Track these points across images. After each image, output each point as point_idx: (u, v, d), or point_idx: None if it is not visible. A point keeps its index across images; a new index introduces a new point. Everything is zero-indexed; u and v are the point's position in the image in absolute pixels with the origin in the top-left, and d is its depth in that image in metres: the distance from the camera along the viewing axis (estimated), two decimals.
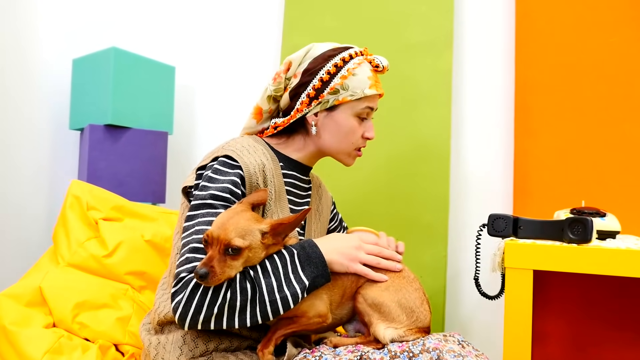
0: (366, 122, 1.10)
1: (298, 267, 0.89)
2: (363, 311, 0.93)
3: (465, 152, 1.72)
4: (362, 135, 1.10)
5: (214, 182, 0.94)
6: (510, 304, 1.05)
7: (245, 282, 0.86)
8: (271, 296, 0.86)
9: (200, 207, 0.92)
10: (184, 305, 0.84)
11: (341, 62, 1.05)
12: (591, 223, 1.02)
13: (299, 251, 0.91)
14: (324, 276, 0.91)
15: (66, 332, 1.04)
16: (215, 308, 0.84)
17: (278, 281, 0.87)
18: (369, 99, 1.07)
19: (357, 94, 1.04)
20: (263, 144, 1.07)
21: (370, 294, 0.93)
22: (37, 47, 1.96)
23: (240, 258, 0.85)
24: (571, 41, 1.53)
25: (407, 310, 0.92)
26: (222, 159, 0.98)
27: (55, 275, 1.14)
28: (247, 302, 0.85)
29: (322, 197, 1.24)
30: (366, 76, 1.06)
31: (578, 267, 1.00)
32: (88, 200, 1.29)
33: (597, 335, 1.46)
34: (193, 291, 0.84)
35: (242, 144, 1.01)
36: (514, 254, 1.05)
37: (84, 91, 1.84)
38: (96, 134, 1.74)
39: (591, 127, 1.50)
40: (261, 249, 0.88)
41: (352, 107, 1.06)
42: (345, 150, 1.10)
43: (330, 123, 1.07)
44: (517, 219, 1.13)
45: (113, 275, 1.23)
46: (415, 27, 1.70)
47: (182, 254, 0.89)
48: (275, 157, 1.07)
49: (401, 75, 1.69)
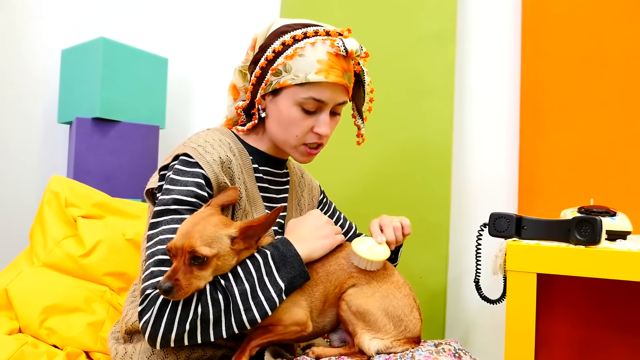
0: (320, 115, 0.93)
1: (273, 269, 0.82)
2: (347, 320, 0.86)
3: (468, 148, 1.65)
4: (312, 130, 0.94)
5: (177, 185, 0.85)
6: (512, 310, 0.98)
7: (216, 293, 0.79)
8: (245, 304, 0.79)
9: (163, 214, 0.84)
10: (152, 325, 0.76)
11: (291, 40, 0.90)
12: (600, 223, 0.95)
13: (273, 252, 0.84)
14: (302, 275, 0.84)
15: (32, 339, 0.98)
16: (187, 324, 0.77)
17: (252, 287, 0.80)
18: (314, 88, 0.90)
19: (298, 78, 0.89)
20: (231, 137, 0.97)
21: (355, 301, 0.85)
22: (25, 37, 1.90)
23: (209, 267, 0.77)
24: (579, 33, 1.45)
25: (394, 319, 0.85)
26: (182, 158, 0.88)
27: (26, 276, 1.08)
28: (220, 314, 0.78)
29: (305, 189, 1.15)
30: (315, 59, 0.89)
31: (585, 270, 0.93)
32: (67, 197, 1.23)
33: (605, 340, 1.39)
34: (161, 309, 0.77)
35: (206, 138, 0.91)
36: (516, 256, 0.98)
37: (73, 84, 1.78)
38: (83, 128, 1.68)
39: (600, 122, 1.42)
40: (231, 256, 0.80)
41: (293, 94, 0.91)
42: (290, 144, 0.95)
43: (274, 109, 0.94)
44: (520, 218, 1.06)
45: (90, 276, 1.16)
46: (418, 18, 1.63)
47: (146, 267, 0.82)
48: (244, 150, 0.98)
49: (403, 67, 1.63)
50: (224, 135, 0.95)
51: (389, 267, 0.93)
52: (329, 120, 0.94)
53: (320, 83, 0.90)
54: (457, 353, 0.87)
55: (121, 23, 2.06)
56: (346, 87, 0.94)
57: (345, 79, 0.92)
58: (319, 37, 0.91)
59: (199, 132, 0.95)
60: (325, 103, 0.92)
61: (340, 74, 0.91)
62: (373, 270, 0.91)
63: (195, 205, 0.85)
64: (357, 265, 0.90)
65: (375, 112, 1.65)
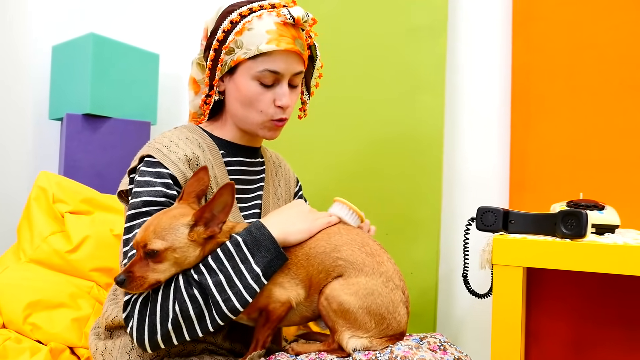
0: (279, 87, 0.93)
1: (248, 256, 0.80)
2: (326, 315, 0.84)
3: (459, 143, 1.64)
4: (275, 103, 0.93)
5: (144, 187, 0.85)
6: (498, 303, 0.97)
7: (191, 289, 0.78)
8: (223, 295, 0.78)
9: (135, 217, 0.84)
10: (137, 330, 0.77)
11: (238, 17, 0.91)
12: (586, 216, 0.95)
13: (245, 237, 0.82)
14: (278, 257, 0.82)
15: (15, 334, 0.98)
16: (168, 324, 0.77)
17: (227, 277, 0.79)
18: (268, 59, 0.90)
19: (250, 51, 0.89)
20: (199, 133, 0.97)
21: (337, 298, 0.82)
22: (16, 34, 1.90)
23: (165, 260, 0.77)
24: (570, 27, 1.45)
25: (376, 317, 0.82)
26: (147, 160, 0.88)
27: (12, 272, 1.07)
28: (201, 308, 0.78)
29: (282, 179, 1.14)
30: (264, 30, 0.89)
31: (572, 264, 0.93)
32: (55, 192, 1.22)
33: (597, 334, 1.39)
34: (141, 312, 0.78)
35: (171, 138, 0.91)
36: (502, 250, 0.98)
37: (63, 80, 1.77)
38: (74, 124, 1.68)
39: (590, 117, 1.42)
40: (192, 247, 0.79)
41: (249, 69, 0.91)
42: (255, 121, 0.94)
43: (233, 88, 0.94)
44: (507, 212, 1.06)
45: (77, 272, 1.16)
46: (408, 10, 1.62)
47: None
48: (213, 144, 0.97)
49: (394, 61, 1.62)
50: (191, 132, 0.95)
51: (377, 253, 0.88)
52: (287, 91, 0.94)
53: (273, 52, 0.90)
54: (442, 345, 0.86)
55: (111, 19, 2.04)
56: (299, 53, 0.93)
57: (297, 46, 0.92)
58: (265, 10, 0.92)
59: (165, 132, 0.95)
60: (281, 74, 0.92)
61: (292, 41, 0.91)
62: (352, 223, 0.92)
63: (166, 205, 0.85)
64: (336, 214, 0.91)
65: (366, 105, 1.66)
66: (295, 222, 0.87)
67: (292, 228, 0.86)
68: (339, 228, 0.89)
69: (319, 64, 1.04)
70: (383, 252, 0.89)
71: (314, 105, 1.67)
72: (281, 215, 0.89)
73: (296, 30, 0.93)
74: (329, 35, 1.68)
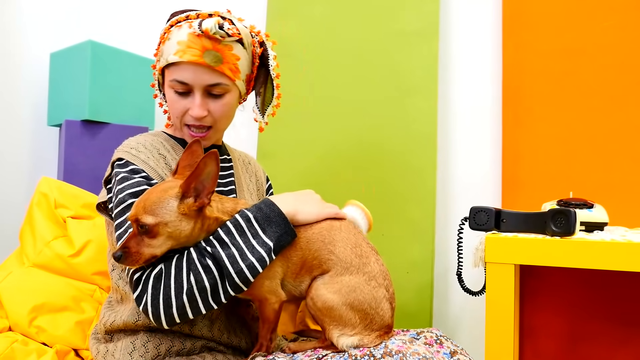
0: (194, 97, 0.94)
1: (258, 230, 0.83)
2: (314, 314, 0.87)
3: (452, 145, 1.67)
4: (188, 112, 0.95)
5: (125, 182, 0.89)
6: (491, 300, 1.00)
7: (205, 260, 0.80)
8: (236, 266, 0.80)
9: (125, 211, 0.87)
10: (152, 305, 0.78)
11: (168, 26, 0.96)
12: (574, 214, 0.98)
13: (256, 213, 0.84)
14: (288, 233, 0.85)
15: (22, 337, 1.00)
16: (183, 296, 0.78)
17: (239, 250, 0.81)
18: (175, 69, 0.92)
19: (164, 60, 0.94)
20: (162, 136, 1.01)
21: (321, 297, 0.85)
22: (14, 41, 1.91)
23: (159, 235, 0.79)
24: (559, 30, 1.48)
25: (360, 313, 0.85)
26: (118, 163, 0.93)
27: (16, 276, 1.09)
28: (216, 279, 0.80)
29: (253, 175, 1.17)
30: (176, 41, 0.91)
31: (561, 261, 0.96)
32: (56, 198, 1.24)
33: (590, 329, 1.42)
34: (155, 287, 0.79)
35: (137, 140, 0.96)
36: (494, 248, 1.01)
37: (61, 86, 1.79)
38: (73, 130, 1.70)
39: (580, 117, 1.45)
40: (184, 220, 0.80)
41: (167, 77, 0.95)
42: (177, 127, 0.99)
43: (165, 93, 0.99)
44: (499, 211, 1.09)
45: (80, 276, 1.18)
46: (400, 15, 1.65)
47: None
48: (177, 145, 1.01)
49: (387, 65, 1.65)
50: (155, 137, 0.99)
51: (366, 255, 0.90)
52: (200, 102, 0.94)
53: (179, 63, 0.91)
54: (438, 339, 0.89)
55: (109, 26, 2.07)
56: (209, 66, 0.92)
57: (205, 59, 0.91)
58: (189, 20, 0.93)
59: (130, 138, 0.98)
60: (189, 84, 0.93)
61: (199, 53, 0.90)
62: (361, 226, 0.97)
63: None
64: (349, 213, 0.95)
65: (361, 109, 1.68)
66: (306, 203, 0.90)
67: (302, 208, 0.88)
68: (341, 224, 0.91)
69: (274, 74, 1.04)
70: (373, 254, 0.91)
71: (308, 109, 1.70)
72: (292, 195, 0.91)
73: (211, 42, 0.91)
74: (322, 40, 1.72)
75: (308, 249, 0.88)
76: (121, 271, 0.97)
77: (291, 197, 0.90)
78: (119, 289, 0.97)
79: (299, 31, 1.74)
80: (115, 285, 0.98)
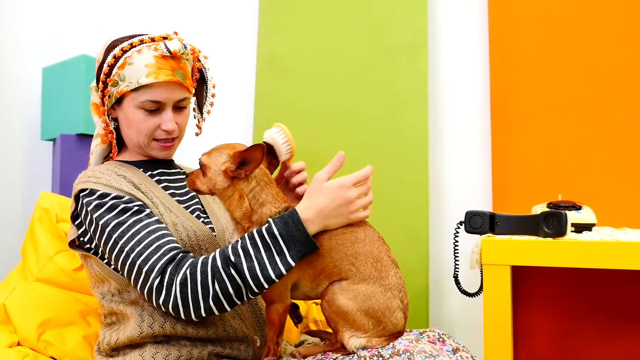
0: (164, 113, 1.02)
1: (283, 248, 0.86)
2: (328, 317, 0.90)
3: (443, 152, 1.72)
4: (160, 127, 1.03)
5: (100, 208, 0.93)
6: (488, 301, 1.04)
7: (229, 269, 0.85)
8: (256, 281, 0.85)
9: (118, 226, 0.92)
10: (183, 305, 0.86)
11: (120, 52, 1.00)
12: (565, 216, 1.02)
13: (282, 230, 0.86)
14: (312, 250, 0.88)
15: (31, 351, 1.00)
16: (210, 300, 0.85)
17: (261, 265, 0.85)
18: (148, 90, 0.99)
19: (132, 84, 0.98)
20: (111, 164, 1.05)
21: (337, 302, 0.88)
22: (6, 56, 1.91)
23: (206, 175, 0.92)
24: (544, 42, 1.54)
25: (373, 320, 0.88)
26: (82, 195, 0.96)
27: (22, 291, 1.10)
28: (239, 285, 0.85)
29: None
30: (143, 64, 0.98)
31: (555, 261, 1.00)
32: (57, 212, 1.25)
33: (584, 329, 1.46)
34: (182, 290, 0.85)
35: (92, 170, 1.00)
36: (490, 250, 1.05)
37: (55, 101, 1.80)
38: (68, 144, 1.70)
39: (566, 122, 1.51)
40: (221, 176, 0.91)
41: (133, 99, 1.00)
42: (144, 143, 1.04)
43: (122, 117, 1.04)
44: (493, 215, 1.13)
45: (85, 289, 1.19)
46: (390, 30, 1.69)
47: (146, 260, 0.88)
48: (132, 167, 1.05)
49: (378, 79, 1.68)
50: (104, 166, 1.03)
51: (385, 269, 0.91)
52: (171, 116, 1.03)
53: (153, 84, 0.98)
54: (440, 337, 0.93)
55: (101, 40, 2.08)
56: (180, 83, 1.01)
57: (176, 77, 1.00)
58: (145, 44, 1.00)
59: (84, 171, 1.03)
60: (162, 102, 1.01)
61: (170, 73, 0.99)
62: (282, 152, 1.02)
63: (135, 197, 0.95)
64: (273, 136, 1.01)
65: (354, 122, 1.72)
66: (336, 216, 0.89)
67: (331, 222, 0.89)
68: (366, 236, 0.92)
69: (211, 85, 1.14)
70: (392, 267, 0.93)
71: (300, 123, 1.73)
72: (322, 205, 0.88)
73: (176, 61, 1.00)
74: (313, 55, 1.75)
75: (330, 257, 0.90)
76: (112, 295, 0.99)
77: (321, 210, 0.88)
78: (113, 311, 0.99)
79: (291, 47, 1.77)
80: (108, 309, 1.00)
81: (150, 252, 0.88)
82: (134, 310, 0.95)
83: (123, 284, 0.96)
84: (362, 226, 0.94)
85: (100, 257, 0.98)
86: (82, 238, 0.99)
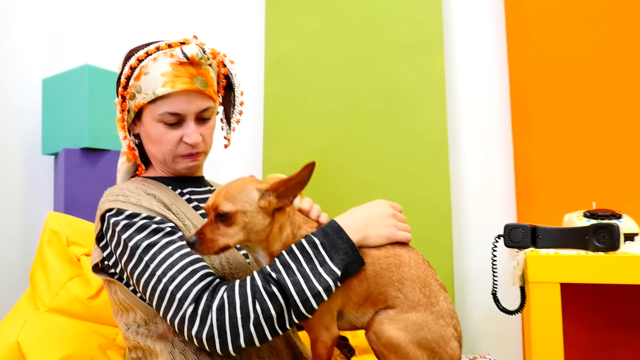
0: (185, 125, 0.93)
1: (325, 257, 0.79)
2: (377, 351, 0.83)
3: (464, 157, 1.66)
4: (182, 140, 0.94)
5: (129, 229, 0.85)
6: (537, 321, 0.98)
7: (270, 286, 0.77)
8: (302, 295, 0.77)
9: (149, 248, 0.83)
10: (219, 336, 0.76)
11: (136, 61, 0.92)
12: (618, 229, 0.97)
13: (322, 238, 0.80)
14: (356, 262, 0.81)
15: None
16: (250, 326, 0.76)
17: (305, 277, 0.77)
18: (166, 102, 0.90)
19: (148, 95, 0.90)
20: (139, 181, 0.97)
21: (386, 332, 0.81)
22: (4, 67, 1.82)
23: (235, 225, 0.79)
24: (564, 35, 1.49)
25: (427, 352, 0.81)
26: (109, 215, 0.88)
27: (35, 324, 1.01)
28: (282, 306, 0.77)
29: None
30: (159, 73, 0.90)
31: (609, 277, 0.95)
32: (68, 235, 1.17)
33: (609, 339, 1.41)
34: (219, 318, 0.77)
35: (120, 187, 0.92)
36: (537, 266, 0.99)
37: (57, 113, 1.72)
38: (72, 159, 1.62)
39: (591, 123, 1.46)
40: (262, 214, 0.80)
41: (151, 112, 0.92)
42: (168, 159, 0.96)
43: (143, 132, 0.96)
44: (535, 227, 1.07)
45: (101, 319, 1.11)
46: (403, 28, 1.65)
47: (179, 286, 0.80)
48: (160, 184, 0.97)
49: (391, 78, 1.64)
50: (134, 182, 0.96)
51: (435, 295, 0.86)
52: (194, 128, 0.94)
53: (170, 95, 0.90)
54: None
55: (104, 49, 1.99)
56: (200, 92, 0.92)
57: (196, 84, 0.91)
58: (161, 51, 0.92)
59: (109, 188, 0.95)
60: (182, 114, 0.92)
61: (189, 80, 0.90)
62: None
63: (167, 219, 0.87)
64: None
65: (367, 123, 1.66)
66: (377, 227, 0.85)
67: (372, 232, 0.84)
68: (410, 259, 0.86)
69: (239, 92, 1.04)
70: (442, 292, 0.87)
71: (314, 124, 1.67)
72: (362, 215, 0.85)
73: (195, 68, 0.92)
74: (323, 55, 1.70)
75: (375, 282, 0.84)
76: (138, 326, 0.91)
77: (360, 218, 0.84)
78: (139, 346, 0.91)
79: (299, 48, 1.73)
80: (134, 343, 0.92)
81: (184, 277, 0.80)
82: (163, 346, 0.86)
83: (150, 314, 0.88)
84: (404, 248, 0.88)
85: (126, 283, 0.90)
86: (106, 262, 0.91)
